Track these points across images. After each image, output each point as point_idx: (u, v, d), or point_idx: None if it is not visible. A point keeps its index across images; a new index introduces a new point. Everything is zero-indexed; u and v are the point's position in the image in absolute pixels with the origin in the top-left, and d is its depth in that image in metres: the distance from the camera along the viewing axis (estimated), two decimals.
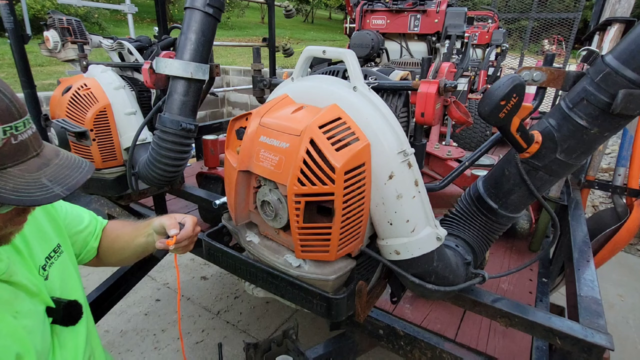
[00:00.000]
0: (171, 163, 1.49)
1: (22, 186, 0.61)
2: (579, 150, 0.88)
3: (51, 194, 0.63)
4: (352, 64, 0.87)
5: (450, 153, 2.31)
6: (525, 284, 1.79)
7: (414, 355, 1.38)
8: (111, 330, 2.66)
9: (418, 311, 1.56)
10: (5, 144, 0.60)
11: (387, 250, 0.92)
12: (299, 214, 0.79)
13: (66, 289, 0.91)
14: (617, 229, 2.23)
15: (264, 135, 0.85)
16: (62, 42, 2.57)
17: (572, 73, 0.90)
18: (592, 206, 4.63)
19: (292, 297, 0.96)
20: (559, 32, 7.89)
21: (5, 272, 0.74)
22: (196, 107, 1.51)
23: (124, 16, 5.55)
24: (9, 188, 0.60)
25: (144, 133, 1.65)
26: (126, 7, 4.85)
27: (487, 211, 1.03)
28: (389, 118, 0.86)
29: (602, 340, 0.97)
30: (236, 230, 1.05)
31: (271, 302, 3.00)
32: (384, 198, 0.84)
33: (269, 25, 3.37)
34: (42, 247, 0.88)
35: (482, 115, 0.81)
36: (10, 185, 0.60)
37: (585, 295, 1.27)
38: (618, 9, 2.06)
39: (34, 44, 2.87)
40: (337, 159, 0.74)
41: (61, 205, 1.03)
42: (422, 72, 1.05)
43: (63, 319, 0.86)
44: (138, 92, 1.78)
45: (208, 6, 1.38)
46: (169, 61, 1.40)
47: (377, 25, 3.71)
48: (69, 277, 0.93)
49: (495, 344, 1.42)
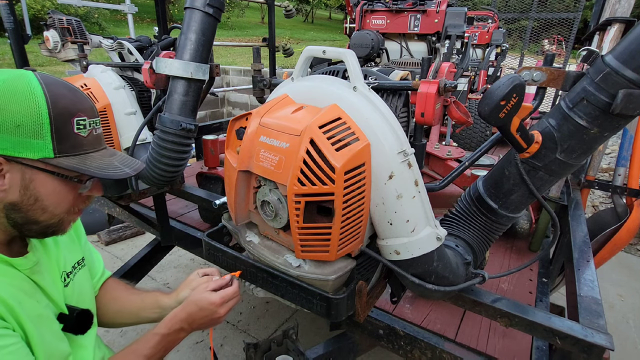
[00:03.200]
0: (171, 163, 1.49)
1: (103, 166, 0.77)
2: (579, 150, 0.88)
3: (123, 172, 0.79)
4: (352, 64, 0.87)
5: (450, 153, 2.31)
6: (525, 284, 1.79)
7: (414, 355, 1.38)
8: (111, 330, 2.66)
9: (418, 311, 1.56)
10: (89, 133, 0.78)
11: (387, 250, 0.92)
12: (299, 214, 0.79)
13: (81, 299, 0.94)
14: (617, 229, 2.22)
15: (264, 135, 0.85)
16: (62, 42, 2.57)
17: (572, 73, 0.90)
18: (592, 206, 4.63)
19: (292, 297, 0.96)
20: (559, 32, 7.89)
21: (31, 268, 0.81)
22: (196, 107, 1.51)
23: (124, 16, 5.55)
24: (94, 166, 0.76)
25: (144, 133, 1.65)
26: (126, 7, 4.85)
27: (487, 211, 1.03)
28: (389, 118, 0.86)
29: (602, 340, 0.97)
30: (236, 230, 1.05)
31: (271, 302, 3.00)
32: (384, 198, 0.84)
33: (269, 25, 3.37)
34: (71, 255, 0.96)
35: (482, 115, 0.80)
36: (95, 164, 0.76)
37: (585, 295, 1.26)
38: (618, 9, 2.06)
39: (34, 44, 2.87)
40: (337, 159, 0.74)
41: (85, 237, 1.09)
42: (422, 72, 1.05)
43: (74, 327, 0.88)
44: (138, 92, 1.78)
45: (208, 6, 1.38)
46: (169, 61, 1.40)
47: (377, 25, 3.71)
48: (86, 290, 0.99)
49: (495, 344, 1.42)
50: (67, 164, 0.73)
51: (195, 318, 0.93)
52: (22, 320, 0.73)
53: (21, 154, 0.70)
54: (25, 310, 0.74)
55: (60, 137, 0.72)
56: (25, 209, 0.74)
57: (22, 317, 0.73)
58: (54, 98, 0.71)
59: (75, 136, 0.74)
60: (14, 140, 0.68)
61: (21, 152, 0.70)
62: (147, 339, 0.91)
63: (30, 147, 0.70)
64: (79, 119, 0.74)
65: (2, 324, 0.69)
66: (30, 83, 0.70)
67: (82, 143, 0.76)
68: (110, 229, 3.77)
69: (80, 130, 0.75)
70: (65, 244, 0.95)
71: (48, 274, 0.86)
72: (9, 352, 0.67)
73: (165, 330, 0.92)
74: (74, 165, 0.73)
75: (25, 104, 0.68)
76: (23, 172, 0.71)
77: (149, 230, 2.36)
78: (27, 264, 0.80)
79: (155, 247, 2.45)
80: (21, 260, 0.79)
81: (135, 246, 3.71)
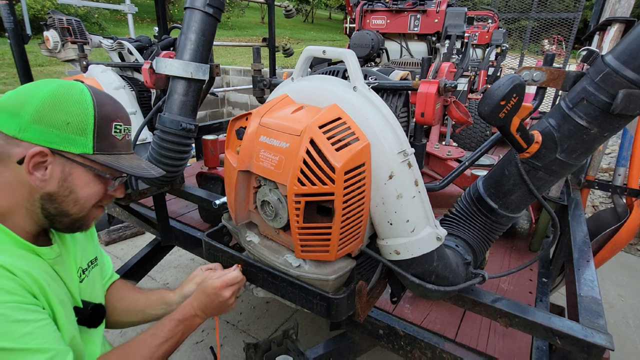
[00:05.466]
0: (171, 163, 1.49)
1: (133, 165, 0.87)
2: (579, 150, 0.88)
3: (150, 173, 0.89)
4: (352, 64, 0.87)
5: (450, 153, 2.31)
6: (525, 284, 1.79)
7: (414, 355, 1.38)
8: (111, 330, 2.65)
9: (418, 311, 1.56)
10: (123, 137, 0.88)
11: (387, 250, 0.92)
12: (299, 214, 0.79)
13: (94, 296, 1.01)
14: (617, 229, 2.22)
15: (264, 135, 0.85)
16: (62, 42, 2.57)
17: (572, 73, 0.90)
18: (592, 206, 4.63)
19: (292, 297, 0.96)
20: (559, 32, 7.89)
21: (54, 258, 0.87)
22: (196, 107, 1.51)
23: (124, 16, 5.55)
24: (126, 165, 0.85)
25: (144, 133, 1.65)
26: (126, 7, 4.85)
27: (487, 211, 1.03)
28: (389, 118, 0.86)
29: (602, 340, 0.97)
30: (236, 230, 1.05)
31: (271, 302, 3.00)
32: (384, 198, 0.84)
33: (269, 25, 3.37)
34: (87, 253, 1.03)
35: (482, 115, 0.81)
36: (126, 164, 0.86)
37: (585, 295, 1.26)
38: (618, 9, 2.06)
39: (34, 44, 2.87)
40: (337, 159, 0.74)
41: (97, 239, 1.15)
42: (422, 72, 1.05)
43: (89, 320, 0.95)
44: (138, 92, 1.78)
45: (208, 6, 1.38)
46: (169, 61, 1.40)
47: (377, 25, 3.71)
48: (98, 288, 1.05)
49: (495, 344, 1.42)
50: (102, 160, 0.82)
51: (205, 304, 0.99)
52: (51, 301, 0.79)
53: (66, 148, 0.78)
54: (54, 293, 0.80)
55: (100, 137, 0.82)
56: (60, 199, 0.81)
57: (52, 298, 0.79)
58: (100, 104, 0.82)
59: (112, 138, 0.84)
60: (62, 136, 0.77)
61: (66, 147, 0.78)
62: (164, 324, 0.96)
63: (74, 143, 0.79)
64: (117, 124, 0.85)
65: (35, 302, 0.74)
66: (83, 90, 0.81)
67: (116, 145, 0.86)
68: (110, 229, 3.77)
69: (117, 133, 0.85)
70: (82, 242, 1.01)
71: (67, 268, 0.92)
72: (40, 327, 0.72)
73: (180, 316, 0.98)
74: (109, 162, 0.83)
75: (77, 106, 0.79)
76: (64, 165, 0.79)
77: (149, 230, 2.36)
78: (51, 254, 0.86)
79: (155, 247, 2.45)
80: (47, 249, 0.85)
81: (135, 246, 3.71)
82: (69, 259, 0.93)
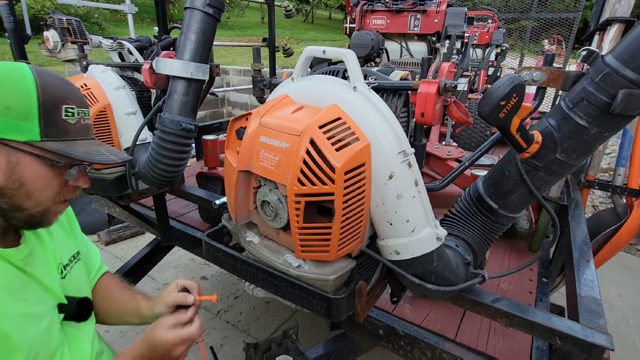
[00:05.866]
0: (171, 163, 1.49)
1: (88, 151, 0.80)
2: (579, 150, 0.88)
3: (109, 158, 0.82)
4: (352, 64, 0.87)
5: (450, 153, 2.31)
6: (525, 284, 1.79)
7: (414, 355, 1.38)
8: (111, 330, 2.66)
9: (418, 311, 1.56)
10: (78, 122, 0.80)
11: (387, 250, 0.92)
12: (299, 214, 0.79)
13: (78, 291, 0.97)
14: (617, 229, 2.22)
15: (264, 135, 0.85)
16: (62, 42, 2.57)
17: (572, 73, 0.90)
18: (592, 206, 4.63)
19: (292, 297, 0.96)
20: (559, 32, 7.89)
21: (23, 259, 0.81)
22: (196, 107, 1.51)
23: (124, 16, 5.55)
24: (80, 151, 0.78)
25: (144, 133, 1.65)
26: (126, 7, 4.85)
27: (487, 211, 1.03)
28: (389, 118, 0.86)
29: (602, 340, 0.97)
30: (236, 230, 1.05)
31: (271, 302, 3.00)
32: (384, 198, 0.84)
33: (269, 25, 3.37)
34: (67, 248, 0.98)
35: (482, 115, 0.81)
36: (81, 150, 0.79)
37: (585, 295, 1.27)
38: (618, 9, 2.06)
39: (34, 44, 2.88)
40: (337, 159, 0.74)
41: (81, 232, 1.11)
42: (422, 72, 1.05)
43: (76, 315, 0.92)
44: (138, 92, 1.78)
45: (208, 6, 1.38)
46: (169, 61, 1.40)
47: (377, 25, 3.71)
48: (83, 282, 1.01)
49: (495, 344, 1.42)
50: (52, 147, 0.75)
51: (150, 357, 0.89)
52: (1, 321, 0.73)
53: (8, 135, 0.71)
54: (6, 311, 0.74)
55: (48, 122, 0.75)
56: (10, 193, 0.74)
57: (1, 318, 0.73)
58: (44, 85, 0.75)
59: (63, 122, 0.77)
60: (3, 122, 0.71)
61: (8, 134, 0.71)
62: None
63: (17, 130, 0.72)
64: (67, 107, 0.78)
65: None
66: (23, 70, 0.74)
67: (69, 130, 0.78)
68: (110, 229, 3.77)
69: (69, 117, 0.78)
70: (60, 237, 0.97)
71: (44, 265, 0.87)
72: None
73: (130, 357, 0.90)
74: (59, 148, 0.75)
75: (15, 88, 0.72)
76: (9, 154, 0.72)
77: (149, 230, 2.36)
78: (19, 255, 0.80)
79: (155, 247, 2.45)
80: (12, 251, 0.79)
81: (135, 246, 3.71)
82: (45, 256, 0.88)
